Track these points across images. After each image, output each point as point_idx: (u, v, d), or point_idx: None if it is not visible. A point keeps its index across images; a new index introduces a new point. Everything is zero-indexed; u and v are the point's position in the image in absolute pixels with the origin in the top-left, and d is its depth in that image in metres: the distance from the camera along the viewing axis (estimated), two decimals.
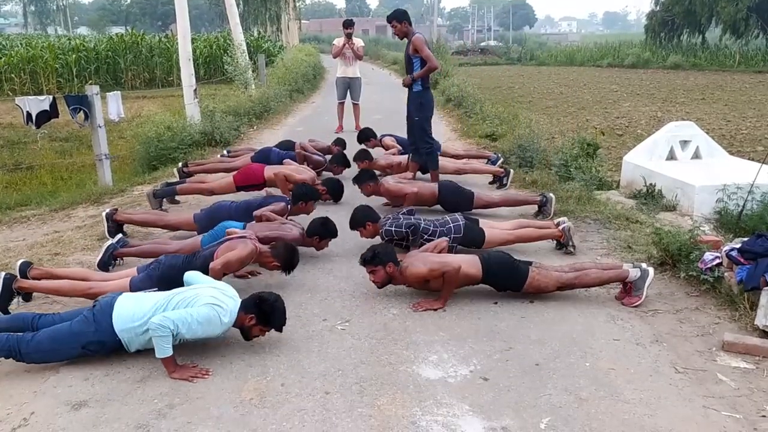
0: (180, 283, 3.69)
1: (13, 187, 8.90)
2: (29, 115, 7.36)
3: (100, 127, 7.37)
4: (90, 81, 20.44)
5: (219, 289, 3.46)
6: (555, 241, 5.00)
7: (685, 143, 6.96)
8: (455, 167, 7.12)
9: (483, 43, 49.72)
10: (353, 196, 6.60)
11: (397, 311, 3.95)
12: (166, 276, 3.91)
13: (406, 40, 6.65)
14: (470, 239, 4.81)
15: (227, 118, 10.30)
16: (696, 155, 6.94)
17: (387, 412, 2.88)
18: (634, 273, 3.99)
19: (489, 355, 3.40)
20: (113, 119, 8.36)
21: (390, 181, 5.96)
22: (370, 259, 4.03)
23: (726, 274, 4.00)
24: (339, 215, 5.57)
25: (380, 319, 3.85)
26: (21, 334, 3.24)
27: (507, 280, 4.07)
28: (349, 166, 7.26)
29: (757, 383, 3.11)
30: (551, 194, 5.81)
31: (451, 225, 4.82)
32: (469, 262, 4.05)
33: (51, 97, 7.67)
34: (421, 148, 6.64)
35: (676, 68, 27.60)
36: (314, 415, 2.86)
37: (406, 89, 6.72)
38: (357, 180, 6.05)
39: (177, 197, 6.39)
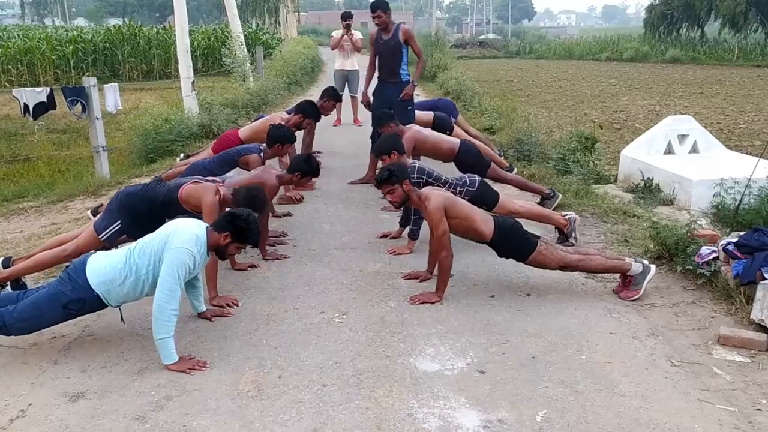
0: (139, 210, 3.75)
1: (10, 179, 8.88)
2: (26, 106, 7.35)
3: (97, 119, 7.36)
4: (87, 73, 20.37)
5: (178, 228, 3.34)
6: (557, 232, 5.02)
7: (683, 137, 6.97)
8: (470, 138, 7.01)
9: (482, 36, 49.57)
10: (351, 188, 6.62)
11: (394, 304, 3.96)
12: (125, 204, 3.93)
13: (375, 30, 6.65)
14: (483, 196, 4.81)
15: (225, 111, 10.27)
16: (694, 149, 6.95)
17: (384, 405, 2.89)
18: (636, 267, 3.99)
19: (486, 348, 3.41)
20: (111, 111, 8.34)
21: (414, 128, 5.85)
22: (387, 178, 3.99)
23: (722, 268, 4.01)
24: (337, 207, 5.60)
25: (377, 311, 3.85)
26: (4, 308, 3.24)
27: (515, 247, 4.04)
28: (340, 100, 7.16)
29: (753, 377, 3.12)
30: (560, 194, 5.80)
31: (467, 179, 4.84)
32: (483, 218, 4.04)
33: (48, 88, 7.65)
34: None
35: (675, 62, 27.59)
36: (311, 407, 2.87)
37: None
38: (377, 122, 5.95)
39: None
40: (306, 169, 4.70)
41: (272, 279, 4.37)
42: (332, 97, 7.02)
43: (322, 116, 6.82)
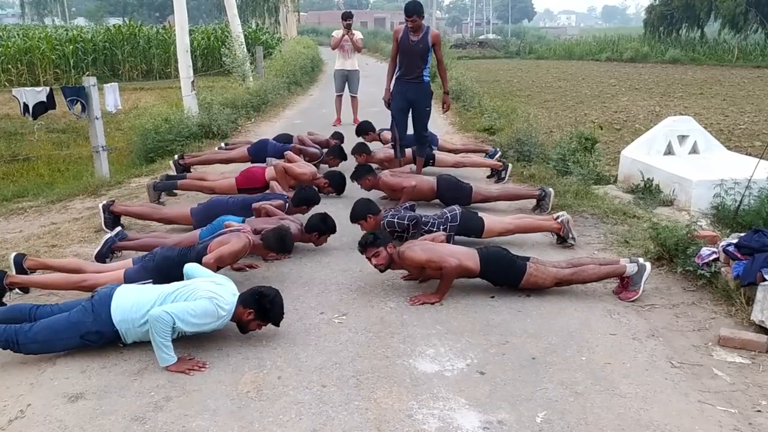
0: (174, 276, 3.69)
1: (10, 179, 8.88)
2: (26, 106, 7.34)
3: (97, 118, 7.35)
4: (87, 72, 20.38)
5: (218, 283, 3.47)
6: (555, 236, 5.01)
7: (682, 138, 6.97)
8: (454, 160, 7.15)
9: (482, 37, 49.51)
10: (352, 189, 6.60)
11: (394, 305, 3.95)
12: (160, 268, 3.90)
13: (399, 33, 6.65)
14: (468, 227, 4.82)
15: (225, 111, 10.27)
16: (694, 150, 6.95)
17: (383, 405, 2.88)
18: (631, 268, 4.00)
19: (485, 349, 3.41)
20: (110, 111, 8.33)
21: (388, 175, 5.95)
22: (372, 242, 4.01)
23: (723, 269, 4.01)
24: (337, 208, 5.58)
25: (377, 312, 3.85)
26: (19, 325, 3.23)
27: (504, 275, 4.08)
28: (345, 158, 7.25)
29: (753, 378, 3.12)
30: (550, 189, 5.79)
31: (448, 215, 4.83)
32: (467, 256, 4.05)
33: (48, 88, 7.64)
34: (424, 138, 6.75)
35: (675, 62, 27.58)
36: (311, 408, 2.86)
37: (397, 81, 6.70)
38: (355, 176, 6.02)
39: (176, 191, 6.39)
40: (323, 228, 4.79)
41: (272, 279, 4.36)
42: (338, 156, 7.24)
43: (322, 116, 6.82)
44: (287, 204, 5.25)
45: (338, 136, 7.98)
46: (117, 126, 11.96)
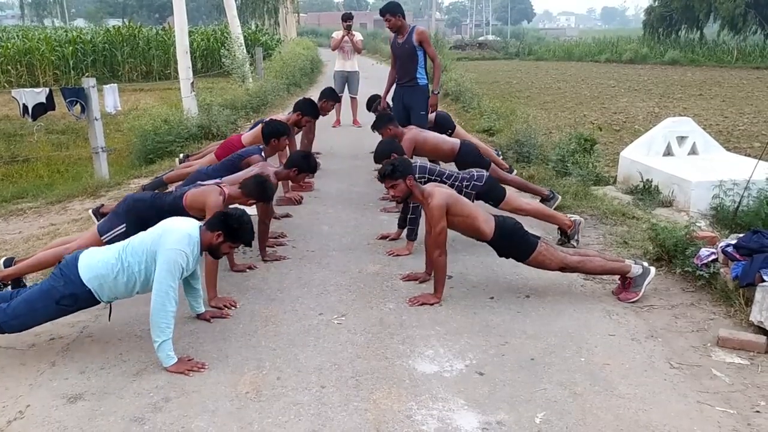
0: (146, 218, 3.70)
1: (9, 180, 8.86)
2: (25, 107, 7.33)
3: (96, 119, 7.35)
4: (87, 73, 20.36)
5: (170, 227, 3.35)
6: (559, 234, 5.02)
7: (682, 139, 6.97)
8: None
9: (481, 38, 49.51)
10: (349, 190, 6.61)
11: (393, 306, 3.96)
12: (132, 210, 3.92)
13: (393, 34, 6.60)
14: (491, 193, 4.84)
15: (224, 112, 10.26)
16: (693, 151, 6.95)
17: (382, 406, 2.88)
18: (636, 269, 3.99)
19: (484, 350, 3.41)
20: (110, 112, 8.34)
21: (414, 130, 5.80)
22: (390, 173, 3.98)
23: (721, 270, 4.01)
24: (335, 209, 5.60)
25: (376, 313, 3.85)
26: None
27: (515, 246, 4.04)
28: (338, 100, 7.16)
29: (752, 379, 3.12)
30: (559, 195, 5.81)
31: (475, 174, 4.85)
32: (485, 217, 4.03)
33: (47, 89, 7.64)
34: None
35: (674, 64, 27.57)
36: (310, 409, 2.86)
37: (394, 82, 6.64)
38: (376, 125, 5.85)
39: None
40: (303, 165, 4.68)
41: (271, 280, 4.36)
42: (330, 97, 7.00)
43: (322, 117, 6.81)
44: (262, 153, 5.20)
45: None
46: (116, 127, 11.94)
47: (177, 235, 3.26)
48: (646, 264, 4.05)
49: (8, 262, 4.14)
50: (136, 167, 8.51)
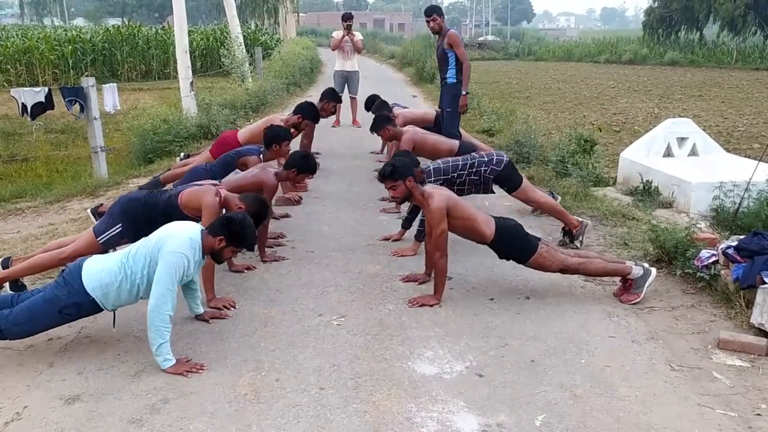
0: (141, 217, 3.73)
1: (7, 179, 8.84)
2: (24, 106, 7.33)
3: (95, 119, 7.33)
4: (86, 73, 20.34)
5: (172, 232, 3.33)
6: (563, 233, 5.01)
7: (682, 140, 6.96)
8: None
9: (481, 38, 49.42)
10: (349, 190, 6.60)
11: (392, 307, 3.94)
12: (127, 209, 3.92)
13: (428, 36, 6.76)
14: (508, 178, 4.88)
15: (224, 111, 10.25)
16: (693, 152, 6.94)
17: (382, 408, 2.87)
18: (636, 270, 3.98)
19: (484, 352, 3.40)
20: (109, 111, 8.33)
21: (412, 129, 5.84)
22: (389, 174, 3.97)
23: (722, 271, 4.00)
24: (335, 209, 5.59)
25: (376, 314, 3.84)
26: None
27: (516, 248, 4.03)
28: (339, 101, 7.27)
29: (753, 381, 3.11)
30: (559, 196, 5.82)
31: (495, 157, 4.87)
32: (485, 219, 4.02)
33: (47, 88, 7.63)
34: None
35: (674, 65, 27.58)
36: (309, 411, 2.85)
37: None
38: (374, 127, 5.90)
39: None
40: (303, 165, 4.67)
41: (270, 281, 4.35)
42: (332, 98, 7.01)
43: (322, 118, 6.79)
44: (261, 156, 5.18)
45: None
46: (115, 126, 11.92)
47: (179, 239, 3.25)
48: (646, 265, 4.04)
49: (5, 262, 4.13)
50: (135, 167, 8.49)
